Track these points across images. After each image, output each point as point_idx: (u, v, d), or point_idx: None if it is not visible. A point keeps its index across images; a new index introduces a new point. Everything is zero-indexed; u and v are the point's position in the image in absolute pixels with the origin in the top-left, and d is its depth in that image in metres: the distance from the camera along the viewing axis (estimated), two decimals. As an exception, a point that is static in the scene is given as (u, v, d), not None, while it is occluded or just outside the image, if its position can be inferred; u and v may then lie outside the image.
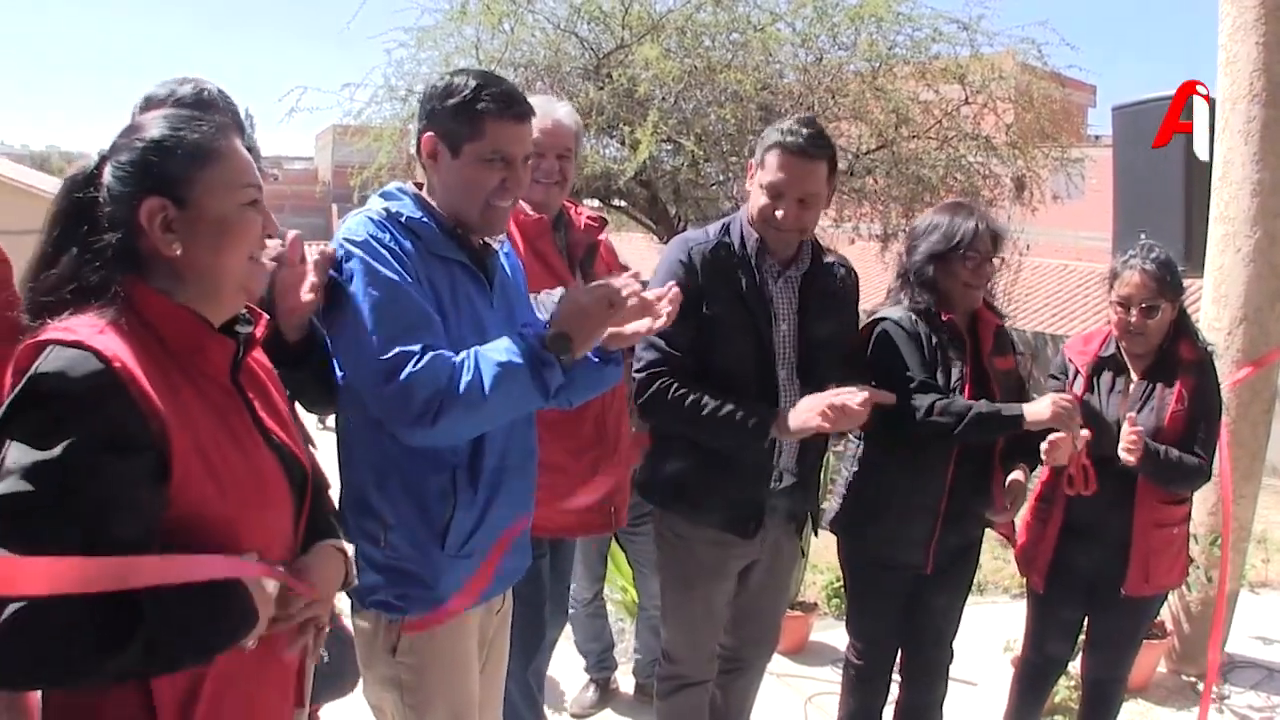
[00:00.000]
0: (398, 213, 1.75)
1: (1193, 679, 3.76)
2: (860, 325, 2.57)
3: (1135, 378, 2.70)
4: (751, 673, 2.71)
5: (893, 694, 2.79)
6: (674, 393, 2.25)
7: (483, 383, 1.62)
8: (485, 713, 1.98)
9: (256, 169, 1.34)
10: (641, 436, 2.60)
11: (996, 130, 8.68)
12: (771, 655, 2.78)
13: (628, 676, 3.63)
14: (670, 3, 8.25)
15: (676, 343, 2.26)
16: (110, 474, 1.11)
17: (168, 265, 1.25)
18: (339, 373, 1.75)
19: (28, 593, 1.02)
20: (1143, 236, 2.91)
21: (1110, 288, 2.67)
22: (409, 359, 1.61)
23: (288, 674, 1.41)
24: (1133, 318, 2.61)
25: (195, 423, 1.22)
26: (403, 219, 1.75)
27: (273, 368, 1.50)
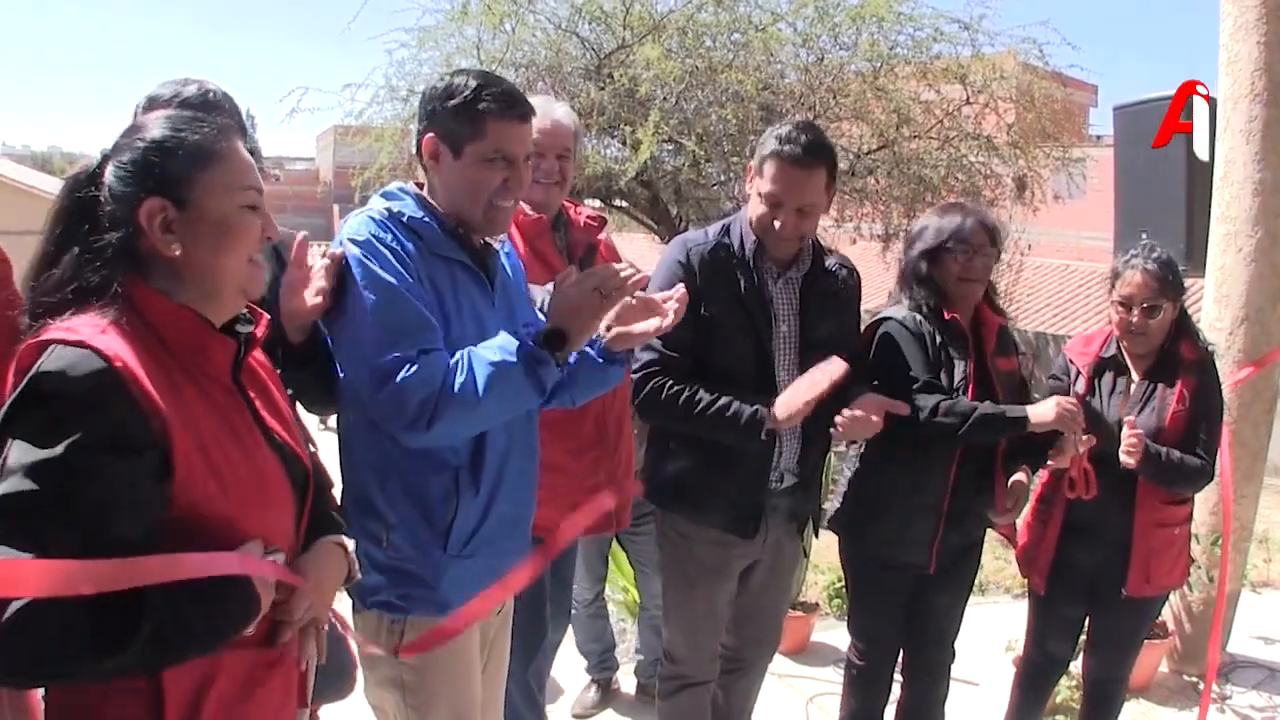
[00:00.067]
0: (399, 212, 1.75)
1: (1194, 679, 3.75)
2: (861, 325, 2.57)
3: (1136, 378, 2.70)
4: (753, 673, 2.71)
5: (894, 694, 2.79)
6: (668, 391, 2.25)
7: (476, 383, 1.61)
8: (486, 714, 1.98)
9: (258, 171, 1.34)
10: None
11: (998, 130, 8.66)
12: (773, 655, 2.78)
13: (629, 677, 3.63)
14: (671, 3, 8.25)
15: (673, 344, 2.26)
16: (112, 473, 1.12)
17: (167, 266, 1.25)
18: (340, 373, 1.75)
19: (29, 594, 1.02)
20: (1144, 236, 2.91)
21: (1111, 287, 2.67)
22: (403, 364, 1.61)
23: (291, 674, 1.41)
24: (1134, 317, 2.61)
25: (197, 422, 1.22)
26: (404, 219, 1.75)
27: (273, 367, 1.50)
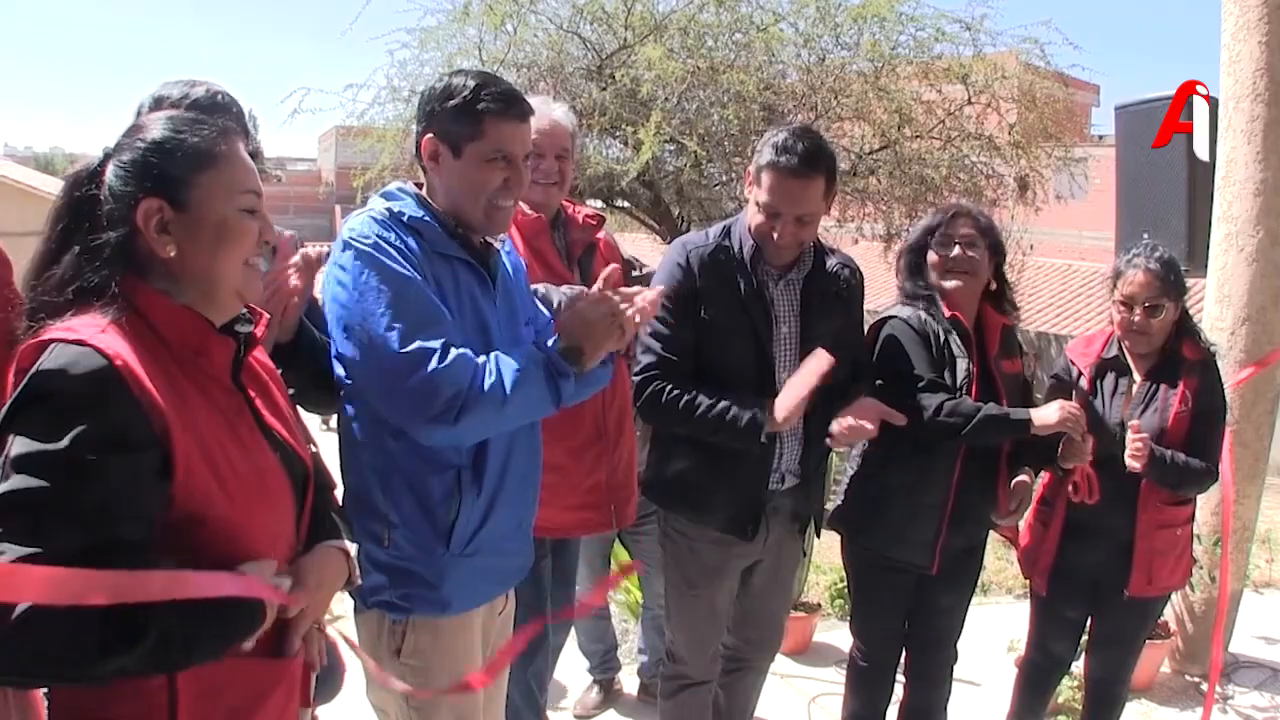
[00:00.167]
0: (400, 212, 1.75)
1: (1196, 679, 3.75)
2: (864, 325, 2.57)
3: (1138, 379, 2.69)
4: (755, 673, 2.71)
5: (896, 694, 2.79)
6: (668, 395, 2.25)
7: (504, 385, 1.63)
8: (487, 714, 1.98)
9: (257, 174, 1.34)
10: None
11: (1000, 130, 8.65)
12: (775, 656, 2.78)
13: (631, 677, 3.63)
14: (673, 3, 8.24)
15: (672, 346, 2.26)
16: (114, 469, 1.12)
17: (165, 266, 1.25)
18: (341, 374, 1.73)
19: (35, 601, 1.02)
20: (1146, 236, 2.91)
21: (1113, 287, 2.67)
22: (431, 354, 1.61)
23: (295, 675, 1.42)
24: (1136, 317, 2.60)
25: (198, 422, 1.22)
26: (405, 218, 1.75)
27: (274, 367, 1.50)
